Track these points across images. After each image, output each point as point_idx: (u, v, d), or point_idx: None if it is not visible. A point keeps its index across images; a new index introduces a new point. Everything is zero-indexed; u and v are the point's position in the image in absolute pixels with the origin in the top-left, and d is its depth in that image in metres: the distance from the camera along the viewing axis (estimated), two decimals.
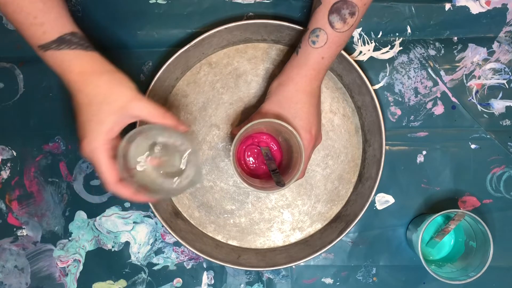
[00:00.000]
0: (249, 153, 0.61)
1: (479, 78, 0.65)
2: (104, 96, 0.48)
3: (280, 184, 0.54)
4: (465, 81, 0.65)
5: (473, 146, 0.65)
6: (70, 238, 0.66)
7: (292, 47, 0.65)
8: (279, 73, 0.58)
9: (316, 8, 0.54)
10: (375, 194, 0.64)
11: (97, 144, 0.48)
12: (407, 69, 0.65)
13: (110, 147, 0.49)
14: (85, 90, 0.48)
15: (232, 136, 0.64)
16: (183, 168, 0.52)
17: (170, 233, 0.61)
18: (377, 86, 0.66)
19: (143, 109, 0.49)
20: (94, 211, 0.66)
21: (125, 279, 0.65)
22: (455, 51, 0.65)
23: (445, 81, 0.65)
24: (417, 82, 0.66)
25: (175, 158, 0.52)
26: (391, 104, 0.66)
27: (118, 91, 0.49)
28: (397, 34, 0.65)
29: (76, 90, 0.49)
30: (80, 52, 0.49)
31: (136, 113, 0.49)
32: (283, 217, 0.65)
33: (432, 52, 0.65)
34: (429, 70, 0.65)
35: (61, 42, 0.48)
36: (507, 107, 0.65)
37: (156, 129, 0.51)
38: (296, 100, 0.55)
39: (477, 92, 0.65)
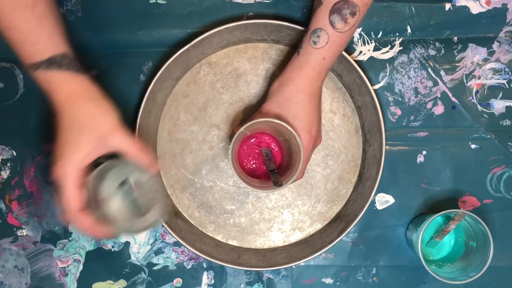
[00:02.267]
0: (250, 153, 0.61)
1: (479, 78, 0.65)
2: (86, 122, 0.48)
3: (278, 184, 0.54)
4: (465, 81, 0.65)
5: (473, 146, 0.65)
6: (70, 238, 0.66)
7: (292, 47, 0.65)
8: (280, 74, 0.58)
9: (317, 8, 0.54)
10: (375, 194, 0.64)
11: (68, 169, 0.47)
12: (407, 69, 0.65)
13: (81, 174, 0.48)
14: (68, 112, 0.48)
15: (233, 135, 0.64)
16: (147, 209, 0.53)
17: (170, 233, 0.61)
18: (377, 86, 0.66)
19: (123, 141, 0.49)
20: None
21: (125, 279, 0.65)
22: (455, 51, 0.65)
23: (445, 81, 0.65)
24: (417, 82, 0.66)
25: (141, 199, 0.52)
26: (391, 104, 0.66)
27: (101, 119, 0.49)
28: (397, 34, 0.65)
29: (60, 111, 0.49)
30: (71, 74, 0.49)
31: (115, 144, 0.49)
32: (283, 217, 0.65)
33: (432, 52, 0.65)
34: (429, 70, 0.65)
35: (51, 62, 0.48)
36: (507, 107, 0.65)
37: (129, 167, 0.51)
38: (297, 100, 0.55)
39: (477, 92, 0.65)
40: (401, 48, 0.65)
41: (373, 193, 0.61)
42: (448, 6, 0.65)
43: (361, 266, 0.65)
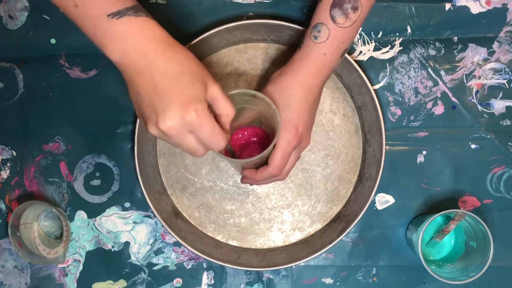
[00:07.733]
0: (235, 143, 0.59)
1: (479, 78, 0.65)
2: (197, 67, 0.45)
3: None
4: (465, 81, 0.65)
5: (473, 146, 0.65)
6: (70, 238, 0.66)
7: (292, 47, 0.65)
8: (283, 65, 0.57)
9: (319, 3, 0.53)
10: (375, 194, 0.64)
11: (204, 106, 0.44)
12: (407, 69, 0.65)
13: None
14: (177, 58, 0.45)
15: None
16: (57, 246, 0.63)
17: (170, 233, 0.61)
18: (377, 86, 0.66)
19: (217, 89, 0.46)
20: (94, 211, 0.66)
21: (125, 279, 0.65)
22: (455, 51, 0.65)
23: (445, 81, 0.65)
24: (417, 82, 0.66)
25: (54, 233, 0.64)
26: (391, 104, 0.66)
27: (204, 67, 0.46)
28: (397, 34, 0.65)
29: (166, 58, 0.44)
30: (156, 22, 0.46)
31: (212, 94, 0.46)
32: (283, 217, 0.65)
33: (432, 52, 0.65)
34: (429, 70, 0.65)
35: (137, 9, 0.45)
36: (507, 107, 0.65)
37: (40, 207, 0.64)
38: (291, 92, 0.54)
39: (477, 92, 0.65)
40: (401, 48, 0.65)
41: (373, 193, 0.61)
42: (448, 6, 0.65)
43: (361, 266, 0.65)
